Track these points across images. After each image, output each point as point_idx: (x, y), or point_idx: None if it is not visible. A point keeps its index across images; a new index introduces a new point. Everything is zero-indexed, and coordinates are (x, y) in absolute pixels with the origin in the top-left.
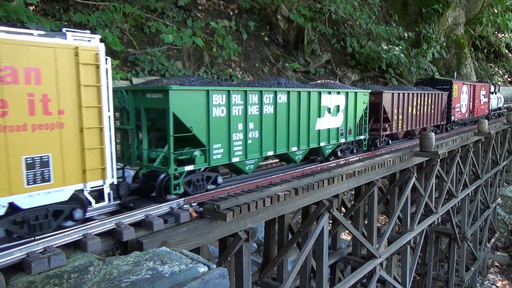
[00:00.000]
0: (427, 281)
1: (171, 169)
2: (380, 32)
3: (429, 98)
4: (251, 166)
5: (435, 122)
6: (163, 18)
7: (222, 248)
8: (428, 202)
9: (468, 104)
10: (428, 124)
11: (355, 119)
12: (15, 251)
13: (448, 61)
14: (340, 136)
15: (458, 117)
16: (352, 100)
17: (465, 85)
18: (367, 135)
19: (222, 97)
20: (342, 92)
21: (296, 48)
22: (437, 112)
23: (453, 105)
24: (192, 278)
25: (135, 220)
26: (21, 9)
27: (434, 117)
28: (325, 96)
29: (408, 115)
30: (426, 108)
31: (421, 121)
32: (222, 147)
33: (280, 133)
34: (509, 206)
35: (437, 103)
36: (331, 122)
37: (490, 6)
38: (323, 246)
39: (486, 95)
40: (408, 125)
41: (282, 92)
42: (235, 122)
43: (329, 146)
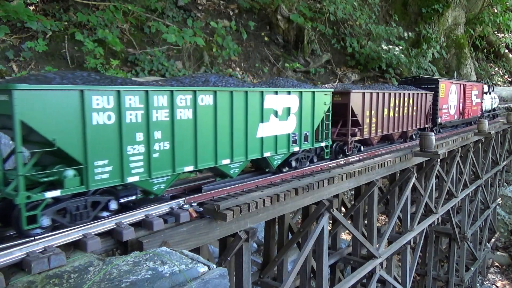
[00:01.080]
0: (427, 281)
1: (20, 197)
2: (380, 32)
3: (411, 99)
4: (161, 185)
5: (418, 125)
6: (163, 18)
7: (222, 248)
8: (428, 202)
9: (458, 105)
10: (410, 127)
11: (313, 123)
12: (15, 251)
13: (448, 61)
14: (293, 144)
15: (445, 119)
16: (308, 101)
17: (454, 85)
18: (329, 141)
19: (109, 100)
20: (294, 92)
21: (296, 48)
22: (421, 114)
23: (439, 106)
24: (192, 278)
25: (135, 220)
26: (21, 9)
27: (416, 119)
28: (270, 96)
29: (385, 118)
30: (407, 110)
31: (401, 125)
32: (111, 163)
33: (203, 144)
34: (509, 206)
35: (421, 104)
36: (279, 127)
37: (490, 6)
38: (323, 246)
39: (478, 95)
40: (385, 129)
41: (205, 93)
42: (131, 131)
43: (278, 156)
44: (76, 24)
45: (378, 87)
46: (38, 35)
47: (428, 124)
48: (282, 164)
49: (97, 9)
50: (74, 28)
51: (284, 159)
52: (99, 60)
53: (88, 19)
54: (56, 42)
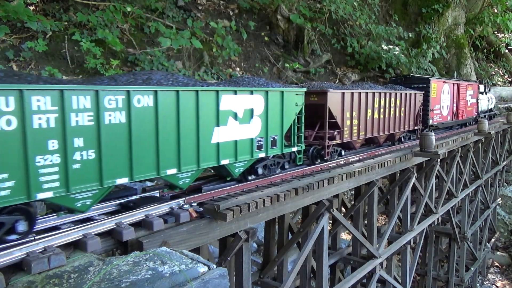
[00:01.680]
0: (427, 281)
1: None
2: (380, 32)
3: (398, 99)
4: (86, 201)
5: (407, 127)
6: (163, 18)
7: (222, 248)
8: (428, 202)
9: (451, 106)
10: (398, 129)
11: (282, 126)
12: (15, 251)
13: (448, 61)
14: (257, 149)
15: (437, 120)
16: (275, 101)
17: (446, 84)
18: (302, 146)
19: (8, 101)
20: (258, 91)
21: (296, 48)
22: (410, 116)
23: (431, 107)
24: (192, 278)
25: (135, 220)
26: (21, 9)
27: (405, 121)
28: (227, 97)
29: (368, 119)
30: (394, 111)
31: (387, 127)
32: (13, 177)
33: (140, 152)
34: (509, 206)
35: (409, 105)
36: (239, 132)
37: (490, 6)
38: (323, 246)
39: (474, 95)
40: (368, 131)
41: (143, 93)
42: (41, 138)
43: (240, 164)
44: (76, 24)
45: (361, 87)
46: (38, 35)
47: (418, 126)
48: (248, 171)
49: (97, 9)
50: (74, 28)
51: (249, 166)
52: (99, 60)
53: (88, 19)
54: (56, 42)
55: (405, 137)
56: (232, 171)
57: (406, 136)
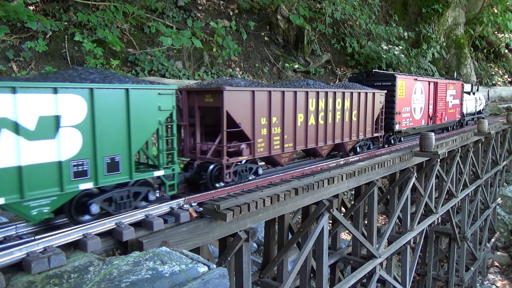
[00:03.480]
0: (427, 281)
1: None
2: (380, 32)
3: (348, 100)
4: None
5: (363, 135)
6: (163, 18)
7: (222, 248)
8: (428, 202)
9: (426, 108)
10: (349, 138)
11: (130, 141)
12: (15, 251)
13: (448, 61)
14: (76, 178)
15: (407, 125)
16: (112, 105)
17: (419, 82)
18: (175, 168)
19: None
20: (70, 89)
21: (296, 48)
22: (367, 120)
23: (397, 109)
24: (192, 278)
25: (135, 220)
26: (21, 9)
27: (359, 127)
28: None
29: (300, 127)
30: (342, 115)
31: (331, 135)
32: None
33: None
34: (509, 206)
35: (365, 107)
36: (27, 152)
37: (490, 6)
38: (323, 246)
39: (457, 95)
40: (300, 142)
41: None
42: None
43: (37, 202)
44: (76, 24)
45: (291, 84)
46: (38, 35)
47: (379, 133)
48: (69, 210)
49: (97, 9)
50: (74, 28)
51: (68, 203)
52: (99, 60)
53: (88, 19)
54: (56, 42)
55: (363, 146)
56: (24, 213)
57: (365, 145)
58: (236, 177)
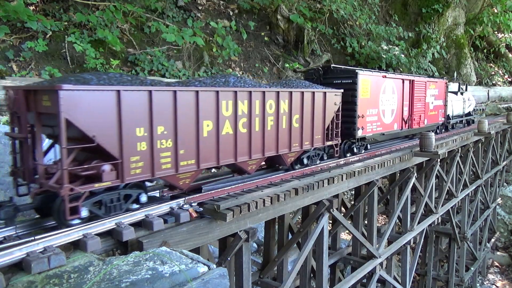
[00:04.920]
0: (427, 281)
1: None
2: (380, 32)
3: (286, 102)
4: None
5: (309, 144)
6: (163, 18)
7: (222, 248)
8: (428, 202)
9: (400, 110)
10: (286, 148)
11: None
12: (15, 251)
13: (448, 61)
14: None
15: (373, 130)
16: None
17: (390, 80)
18: None
19: None
20: None
21: (296, 48)
22: (314, 126)
23: (360, 112)
24: (192, 278)
25: (135, 220)
26: (21, 9)
27: (302, 135)
28: None
29: (209, 138)
30: (275, 121)
31: (258, 147)
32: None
33: None
34: (509, 206)
35: (312, 110)
36: None
37: (490, 6)
38: (323, 246)
39: (439, 95)
40: (209, 157)
41: None
42: None
43: None
44: (76, 24)
45: (199, 82)
46: (38, 35)
47: (334, 140)
48: None
49: (97, 9)
50: (74, 28)
51: None
52: (99, 60)
53: (88, 19)
54: (56, 42)
55: (315, 157)
56: None
57: (316, 155)
58: (101, 209)
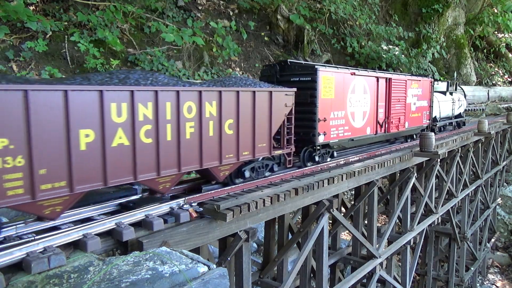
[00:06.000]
0: (427, 281)
1: None
2: (380, 32)
3: (212, 105)
4: None
5: (249, 154)
6: (163, 18)
7: (222, 248)
8: (428, 202)
9: (374, 112)
10: (215, 160)
11: None
12: (15, 251)
13: (448, 61)
14: None
15: (339, 136)
16: None
17: (360, 78)
18: None
19: None
20: None
21: (296, 48)
22: (256, 133)
23: (320, 115)
24: (192, 278)
25: (135, 220)
26: (21, 9)
27: (239, 143)
28: None
29: (89, 152)
30: (197, 128)
31: (170, 160)
32: None
33: None
34: (509, 206)
35: (252, 114)
36: None
37: (490, 6)
38: (323, 246)
39: (423, 95)
40: (90, 177)
41: None
42: None
43: None
44: (76, 24)
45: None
46: (38, 35)
47: (285, 149)
48: None
49: (97, 9)
50: (74, 28)
51: None
52: (99, 60)
53: (88, 19)
54: (56, 42)
55: (261, 169)
56: None
57: (263, 167)
58: None
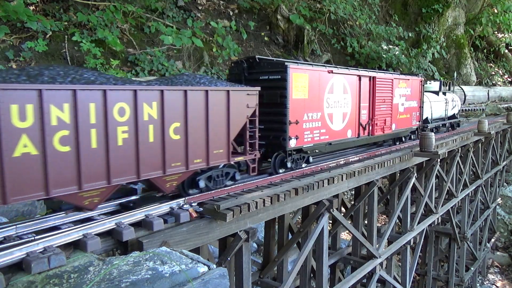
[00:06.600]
0: (427, 281)
1: None
2: (380, 32)
3: (153, 106)
4: None
5: (201, 162)
6: (163, 18)
7: (222, 248)
8: (428, 202)
9: (355, 113)
10: (158, 170)
11: None
12: (15, 251)
13: (448, 61)
14: None
15: (314, 140)
16: None
17: (339, 76)
18: None
19: None
20: None
21: (296, 48)
22: (209, 138)
23: (292, 117)
24: (192, 278)
25: (135, 220)
26: (21, 9)
27: (187, 150)
28: None
29: None
30: (131, 133)
31: (98, 171)
32: None
33: None
34: (509, 206)
35: (205, 116)
36: None
37: (490, 6)
38: (323, 246)
39: (413, 95)
40: None
41: None
42: None
43: None
44: (76, 24)
45: None
46: (38, 35)
47: (249, 155)
48: None
49: (97, 9)
50: (74, 28)
51: None
52: (99, 60)
53: (88, 19)
54: (56, 42)
55: (219, 178)
56: None
57: (223, 175)
58: None
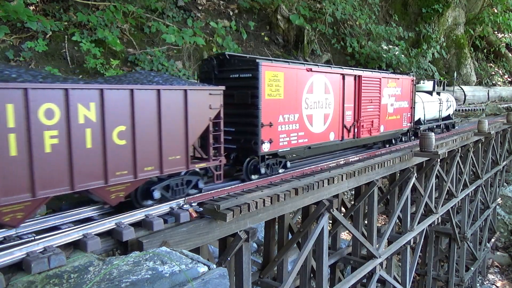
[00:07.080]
0: (427, 281)
1: None
2: (380, 32)
3: (91, 109)
4: None
5: (154, 169)
6: (163, 18)
7: (222, 248)
8: (428, 202)
9: (339, 114)
10: (100, 179)
11: None
12: (15, 251)
13: (448, 61)
14: None
15: (291, 143)
16: None
17: (320, 75)
18: None
19: None
20: None
21: (296, 48)
22: (162, 142)
23: (264, 119)
24: (192, 278)
25: (135, 220)
26: (21, 9)
27: (135, 157)
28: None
29: None
30: (63, 138)
31: (32, 182)
32: None
33: None
34: (509, 206)
35: (158, 119)
36: None
37: (490, 6)
38: (323, 246)
39: (403, 95)
40: None
41: None
42: None
43: None
44: (76, 24)
45: None
46: (38, 35)
47: (212, 162)
48: None
49: (97, 9)
50: (74, 28)
51: None
52: (99, 60)
53: (88, 19)
54: (56, 42)
55: (177, 187)
56: None
57: (184, 184)
58: None
